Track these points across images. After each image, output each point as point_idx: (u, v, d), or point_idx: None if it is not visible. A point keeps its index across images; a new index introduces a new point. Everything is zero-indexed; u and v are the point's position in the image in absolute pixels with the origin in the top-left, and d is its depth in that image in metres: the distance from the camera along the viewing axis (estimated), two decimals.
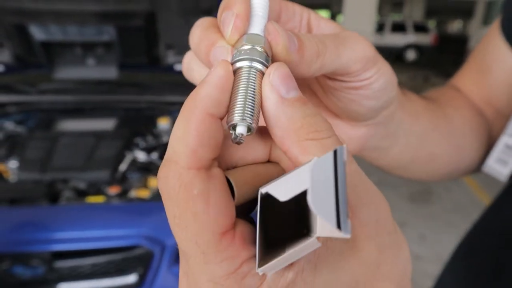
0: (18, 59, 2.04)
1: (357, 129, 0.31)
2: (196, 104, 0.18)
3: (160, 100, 2.19)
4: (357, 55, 0.24)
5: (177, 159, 0.18)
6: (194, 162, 0.18)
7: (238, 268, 0.18)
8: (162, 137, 1.99)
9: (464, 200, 3.54)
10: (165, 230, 1.41)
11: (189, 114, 0.18)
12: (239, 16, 0.20)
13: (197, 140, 0.18)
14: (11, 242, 1.33)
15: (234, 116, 0.19)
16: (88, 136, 1.81)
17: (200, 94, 0.18)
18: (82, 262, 1.37)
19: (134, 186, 1.65)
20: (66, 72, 2.12)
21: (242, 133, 0.19)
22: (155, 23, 1.91)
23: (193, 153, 0.18)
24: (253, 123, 0.19)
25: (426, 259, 2.65)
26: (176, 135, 0.18)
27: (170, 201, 0.18)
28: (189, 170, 0.18)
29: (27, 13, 1.78)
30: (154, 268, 1.36)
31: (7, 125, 2.00)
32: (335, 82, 0.26)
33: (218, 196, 0.18)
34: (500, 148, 0.45)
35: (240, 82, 0.20)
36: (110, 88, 2.24)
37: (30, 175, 1.60)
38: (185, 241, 0.18)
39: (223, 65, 0.19)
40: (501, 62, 0.48)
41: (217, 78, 0.19)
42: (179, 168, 0.18)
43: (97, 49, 2.09)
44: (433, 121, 0.42)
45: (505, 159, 0.45)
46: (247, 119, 0.19)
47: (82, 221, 1.42)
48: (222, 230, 0.18)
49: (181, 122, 0.19)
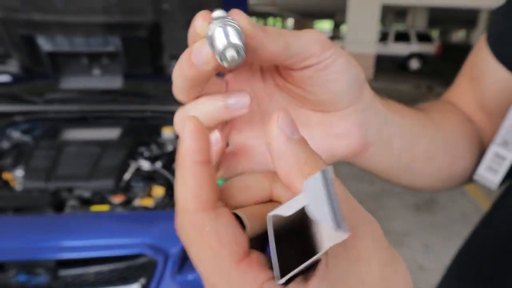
0: (25, 70, 2.08)
1: (346, 121, 0.31)
2: (184, 158, 0.22)
3: (165, 110, 2.21)
4: (313, 38, 0.26)
5: (186, 207, 0.21)
6: (200, 205, 0.21)
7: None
8: (167, 146, 2.00)
9: (469, 210, 3.51)
10: (169, 239, 1.41)
11: (182, 167, 0.22)
12: (202, 14, 0.23)
13: (196, 186, 0.21)
14: (15, 250, 1.34)
15: (219, 43, 0.21)
16: (93, 145, 1.83)
17: (183, 150, 0.22)
18: (86, 270, 1.38)
19: (138, 195, 1.66)
20: (72, 82, 2.15)
21: (233, 56, 0.21)
22: (160, 34, 1.94)
23: (196, 198, 0.21)
24: (243, 48, 0.21)
25: (431, 269, 2.62)
26: (179, 188, 0.22)
27: (189, 244, 0.21)
28: (197, 213, 0.21)
29: (36, 25, 1.81)
30: (157, 277, 1.36)
31: (14, 134, 2.02)
32: (303, 71, 0.27)
33: (228, 229, 0.21)
34: (489, 157, 0.46)
35: (217, 27, 0.21)
36: (115, 98, 2.26)
37: (35, 183, 1.61)
38: (211, 274, 0.20)
39: (191, 120, 0.22)
40: (489, 73, 0.49)
41: (189, 132, 0.21)
42: (190, 214, 0.21)
43: (103, 59, 2.12)
44: (421, 122, 0.43)
45: (495, 168, 0.46)
46: (233, 42, 0.21)
47: (86, 229, 1.43)
48: (238, 257, 0.20)
49: (179, 176, 0.22)
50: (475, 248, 0.51)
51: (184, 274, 1.39)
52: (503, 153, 0.45)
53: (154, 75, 2.23)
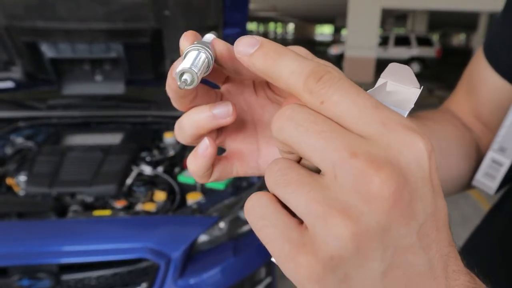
0: (29, 76, 2.10)
1: None
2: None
3: (166, 115, 2.23)
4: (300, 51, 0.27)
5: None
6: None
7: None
8: (168, 151, 2.02)
9: (471, 214, 3.51)
10: (171, 243, 1.42)
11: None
12: (187, 33, 0.26)
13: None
14: (19, 255, 1.35)
15: (180, 66, 0.23)
16: (95, 150, 1.84)
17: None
18: (88, 275, 1.39)
19: (140, 199, 1.67)
20: (74, 88, 2.17)
21: (185, 80, 0.23)
22: (162, 40, 1.96)
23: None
24: (198, 75, 0.23)
25: None
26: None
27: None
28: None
29: (39, 32, 1.83)
30: (159, 281, 1.37)
31: (17, 140, 2.04)
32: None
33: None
34: (487, 163, 0.47)
35: (190, 50, 0.24)
36: (117, 103, 2.28)
37: (38, 189, 1.62)
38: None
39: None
40: (484, 80, 0.50)
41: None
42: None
43: (105, 65, 2.14)
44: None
45: (492, 174, 0.47)
46: (190, 68, 0.23)
47: (89, 234, 1.44)
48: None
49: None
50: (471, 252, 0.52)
51: (186, 278, 1.40)
52: (500, 159, 0.46)
53: (155, 81, 2.25)
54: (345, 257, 0.18)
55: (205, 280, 1.41)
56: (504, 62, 0.48)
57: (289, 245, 0.19)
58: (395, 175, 0.17)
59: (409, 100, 0.22)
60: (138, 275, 1.41)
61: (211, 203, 1.60)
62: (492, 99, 0.50)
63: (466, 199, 3.76)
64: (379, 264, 0.18)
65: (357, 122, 0.19)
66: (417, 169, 0.18)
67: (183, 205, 1.66)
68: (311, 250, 0.18)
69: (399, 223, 0.18)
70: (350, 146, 0.18)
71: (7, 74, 2.06)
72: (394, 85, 0.22)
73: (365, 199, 0.17)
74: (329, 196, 0.18)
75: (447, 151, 0.48)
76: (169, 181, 1.78)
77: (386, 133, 0.18)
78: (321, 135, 0.19)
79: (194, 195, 1.66)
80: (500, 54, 0.48)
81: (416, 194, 0.18)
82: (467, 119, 0.54)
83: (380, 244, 0.18)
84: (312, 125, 0.19)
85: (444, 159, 0.48)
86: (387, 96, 0.22)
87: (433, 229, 0.19)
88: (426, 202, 0.18)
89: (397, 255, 0.18)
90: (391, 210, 0.17)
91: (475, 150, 0.52)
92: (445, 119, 0.52)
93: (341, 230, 0.17)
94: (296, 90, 0.20)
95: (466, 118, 0.54)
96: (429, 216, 0.19)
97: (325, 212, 0.18)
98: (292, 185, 0.19)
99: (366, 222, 0.17)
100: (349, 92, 0.19)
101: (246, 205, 0.22)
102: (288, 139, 0.20)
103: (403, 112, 0.22)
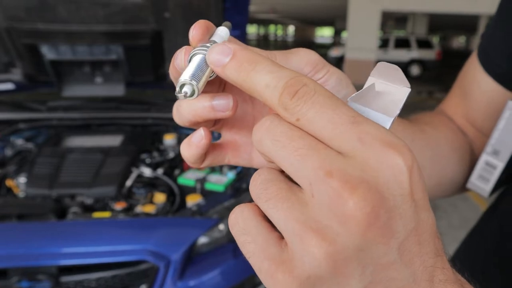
0: (29, 78, 2.10)
1: None
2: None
3: (166, 117, 2.23)
4: (303, 59, 0.27)
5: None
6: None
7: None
8: (168, 153, 2.02)
9: (471, 216, 3.50)
10: (170, 245, 1.42)
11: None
12: (197, 24, 0.25)
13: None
14: (18, 257, 1.35)
15: (183, 77, 0.23)
16: (95, 152, 1.84)
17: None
18: (88, 277, 1.38)
19: (140, 201, 1.67)
20: (74, 90, 2.17)
21: (185, 92, 0.23)
22: (162, 42, 1.96)
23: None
24: (198, 86, 0.23)
25: None
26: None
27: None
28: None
29: (39, 34, 1.84)
30: (158, 283, 1.37)
31: (17, 141, 2.04)
32: None
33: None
34: (480, 165, 0.47)
35: (194, 60, 0.24)
36: (117, 105, 2.29)
37: (38, 190, 1.63)
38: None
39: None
40: (479, 84, 0.51)
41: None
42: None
43: (105, 67, 2.14)
44: (410, 136, 0.44)
45: (486, 176, 0.47)
46: (194, 81, 0.23)
47: (88, 236, 1.44)
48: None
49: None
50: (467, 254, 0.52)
51: (186, 280, 1.39)
52: (494, 162, 0.46)
53: (156, 83, 2.25)
54: (322, 276, 0.18)
55: (205, 282, 1.41)
56: (497, 66, 0.48)
57: (268, 261, 0.19)
58: (370, 195, 0.17)
59: (398, 101, 0.21)
60: (138, 277, 1.41)
61: (211, 205, 1.60)
62: (485, 102, 0.51)
63: (465, 201, 3.76)
64: (358, 282, 0.18)
65: (333, 138, 0.18)
66: (396, 187, 0.18)
67: (183, 207, 1.66)
68: (288, 268, 0.18)
69: (377, 242, 0.18)
70: (325, 165, 0.18)
71: (7, 76, 2.06)
72: (384, 84, 0.22)
73: (340, 220, 0.17)
74: (307, 215, 0.18)
75: (442, 156, 0.49)
76: (168, 183, 1.78)
77: (363, 150, 0.18)
78: (297, 151, 0.19)
79: (193, 197, 1.66)
80: (493, 58, 0.49)
81: (394, 212, 0.18)
82: (460, 122, 0.54)
83: (358, 264, 0.18)
84: (288, 141, 0.19)
85: (439, 164, 0.49)
86: (375, 98, 0.22)
87: (415, 244, 0.19)
88: (406, 218, 0.18)
89: (376, 272, 0.18)
90: (366, 231, 0.17)
91: (469, 153, 0.52)
92: (441, 123, 0.52)
93: (316, 250, 0.17)
94: (271, 105, 0.20)
95: (459, 121, 0.54)
96: (411, 231, 0.19)
97: (301, 230, 0.18)
98: (272, 200, 0.19)
99: (342, 242, 0.17)
100: (324, 107, 0.19)
101: (230, 218, 0.22)
102: (267, 152, 0.20)
103: (388, 119, 0.21)
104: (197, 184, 1.75)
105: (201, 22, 0.25)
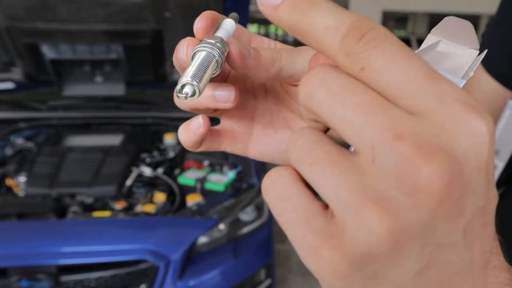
0: (29, 77, 2.10)
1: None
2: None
3: (166, 116, 2.23)
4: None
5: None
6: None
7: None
8: (168, 153, 2.02)
9: None
10: (170, 245, 1.42)
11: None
12: (204, 15, 0.24)
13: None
14: (18, 256, 1.35)
15: (185, 77, 0.22)
16: (96, 151, 1.84)
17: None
18: (87, 276, 1.38)
19: (140, 201, 1.67)
20: (75, 89, 2.17)
21: (186, 93, 0.22)
22: (162, 41, 1.96)
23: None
24: (200, 87, 0.22)
25: None
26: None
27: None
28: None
29: (40, 33, 1.84)
30: (158, 282, 1.37)
31: (17, 140, 2.04)
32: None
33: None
34: None
35: (198, 57, 0.23)
36: (117, 105, 2.28)
37: (38, 189, 1.63)
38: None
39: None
40: (479, 83, 0.51)
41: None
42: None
43: (105, 66, 2.14)
44: None
45: None
46: (195, 82, 0.22)
47: (88, 235, 1.44)
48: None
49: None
50: None
51: (186, 280, 1.39)
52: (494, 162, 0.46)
53: (156, 82, 2.25)
54: (377, 256, 0.15)
55: (205, 282, 1.41)
56: (498, 65, 0.49)
57: (312, 235, 0.16)
58: (448, 165, 0.14)
59: (464, 66, 0.18)
60: (138, 276, 1.41)
61: (211, 205, 1.60)
62: (485, 102, 0.51)
63: None
64: (414, 263, 0.16)
65: (405, 94, 0.15)
66: (474, 158, 0.15)
67: (183, 207, 1.66)
68: (337, 244, 0.16)
69: (445, 220, 0.15)
70: (395, 126, 0.15)
71: (7, 75, 2.06)
72: (448, 44, 0.19)
73: (409, 192, 0.15)
74: (364, 183, 0.15)
75: None
76: (169, 182, 1.78)
77: (440, 110, 0.15)
78: (360, 108, 0.15)
79: (193, 197, 1.66)
80: (494, 58, 0.49)
81: (468, 187, 0.15)
82: None
83: (419, 243, 0.15)
84: (349, 95, 0.16)
85: None
86: (437, 60, 0.19)
87: (480, 225, 0.17)
88: (478, 195, 0.16)
89: (435, 254, 0.16)
90: (438, 206, 0.15)
91: None
92: None
93: (376, 226, 0.15)
94: (330, 51, 0.17)
95: None
96: (479, 211, 0.16)
97: (358, 202, 0.15)
98: (319, 164, 0.16)
99: (407, 218, 0.15)
100: (397, 56, 0.16)
101: (265, 182, 0.19)
102: (317, 108, 0.17)
103: (460, 82, 0.18)
104: (197, 184, 1.75)
105: (207, 13, 0.24)
